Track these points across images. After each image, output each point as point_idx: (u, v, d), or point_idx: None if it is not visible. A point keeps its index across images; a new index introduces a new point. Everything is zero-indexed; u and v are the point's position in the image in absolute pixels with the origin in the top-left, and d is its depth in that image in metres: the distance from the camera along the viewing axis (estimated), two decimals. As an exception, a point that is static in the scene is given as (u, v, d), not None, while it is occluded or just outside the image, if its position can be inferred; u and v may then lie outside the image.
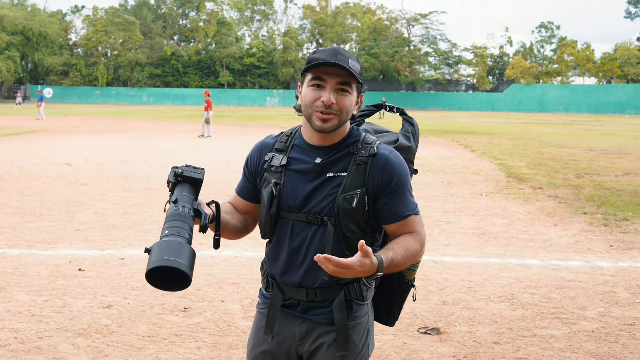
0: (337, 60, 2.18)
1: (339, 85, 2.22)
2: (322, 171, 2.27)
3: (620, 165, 16.84)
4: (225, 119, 41.71)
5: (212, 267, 6.71)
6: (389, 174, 2.24)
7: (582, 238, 8.37)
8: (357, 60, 2.27)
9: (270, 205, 2.32)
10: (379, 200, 2.26)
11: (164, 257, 1.87)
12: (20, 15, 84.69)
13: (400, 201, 2.26)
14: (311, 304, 2.33)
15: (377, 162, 2.24)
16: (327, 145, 2.29)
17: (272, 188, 2.31)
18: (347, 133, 2.32)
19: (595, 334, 5.01)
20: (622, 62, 78.66)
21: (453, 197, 11.53)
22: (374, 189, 2.24)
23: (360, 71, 2.27)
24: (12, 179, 12.88)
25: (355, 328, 2.33)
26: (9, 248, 7.38)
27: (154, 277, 1.90)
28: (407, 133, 2.52)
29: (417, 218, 2.31)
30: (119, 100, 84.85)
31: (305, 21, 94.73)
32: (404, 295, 2.51)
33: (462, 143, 24.14)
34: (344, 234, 2.24)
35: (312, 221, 2.26)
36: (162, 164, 15.89)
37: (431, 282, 6.29)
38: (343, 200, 2.21)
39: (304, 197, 2.28)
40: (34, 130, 28.28)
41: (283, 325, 2.38)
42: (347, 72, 2.20)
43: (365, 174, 2.23)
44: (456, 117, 53.71)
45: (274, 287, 2.39)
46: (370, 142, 2.28)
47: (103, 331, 4.92)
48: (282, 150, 2.36)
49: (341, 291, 2.29)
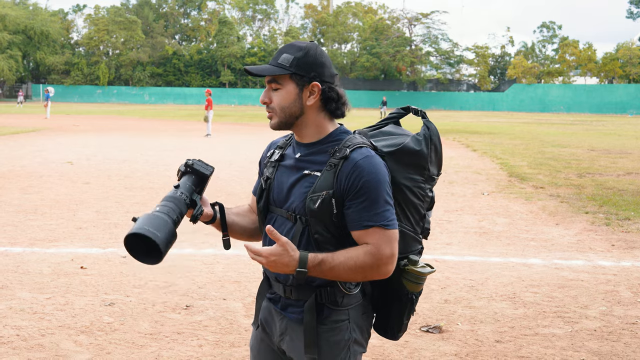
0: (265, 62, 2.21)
1: (269, 84, 2.25)
2: (299, 167, 2.27)
3: (621, 164, 16.84)
4: (226, 118, 41.71)
5: (214, 265, 6.71)
6: (355, 177, 2.14)
7: (584, 237, 8.37)
8: (297, 50, 2.21)
9: (260, 199, 2.36)
10: (345, 204, 2.18)
11: (144, 226, 1.97)
12: (22, 14, 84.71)
13: (364, 208, 2.14)
14: (288, 301, 2.32)
15: (346, 164, 2.16)
16: (306, 143, 2.29)
17: (262, 181, 2.36)
18: (330, 132, 2.28)
19: (597, 333, 5.00)
20: (623, 62, 78.57)
21: (454, 196, 11.52)
22: (340, 192, 2.17)
23: (296, 61, 2.20)
24: (14, 177, 12.89)
25: (329, 332, 2.26)
26: (11, 246, 7.38)
27: (132, 243, 2.01)
28: (419, 137, 2.35)
29: (383, 232, 2.15)
30: (121, 99, 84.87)
31: (307, 20, 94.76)
32: (403, 308, 2.36)
33: (463, 142, 24.13)
34: (312, 235, 2.21)
35: (289, 217, 2.26)
36: (164, 163, 15.90)
37: (433, 280, 6.28)
38: (310, 200, 2.18)
39: (285, 192, 2.28)
40: (36, 129, 28.28)
41: (270, 318, 2.40)
42: (267, 73, 2.22)
43: (334, 176, 2.17)
44: (457, 117, 53.69)
45: (264, 277, 2.43)
46: (348, 145, 2.20)
47: (105, 328, 4.92)
48: (282, 147, 2.39)
49: (313, 292, 2.25)
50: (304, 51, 2.22)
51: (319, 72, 2.22)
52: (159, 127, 31.96)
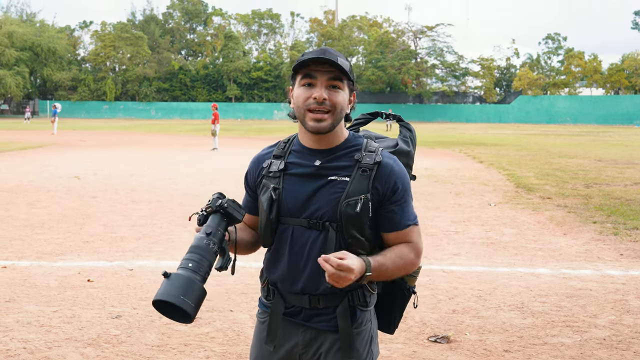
0: (325, 55, 2.18)
1: (330, 82, 2.20)
2: (322, 174, 2.24)
3: (629, 175, 16.77)
4: (232, 132, 41.81)
5: (221, 277, 6.70)
6: (394, 181, 2.23)
7: (592, 247, 8.33)
8: (345, 59, 2.25)
9: (270, 210, 2.28)
10: (382, 208, 2.23)
11: (172, 292, 1.94)
12: (29, 31, 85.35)
13: (402, 210, 2.25)
14: (313, 311, 2.29)
15: (382, 169, 2.22)
16: (325, 149, 2.27)
17: (271, 192, 2.28)
18: (346, 137, 2.31)
19: (607, 342, 4.96)
20: (629, 73, 78.52)
21: (461, 207, 11.49)
22: (378, 196, 2.21)
23: (350, 69, 2.25)
24: (21, 192, 12.93)
25: (358, 335, 2.30)
26: (18, 260, 7.39)
27: (161, 304, 1.98)
28: (406, 138, 2.52)
29: (416, 229, 2.30)
30: (127, 115, 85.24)
31: (312, 34, 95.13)
32: (405, 302, 2.47)
33: (469, 154, 24.11)
34: (345, 240, 2.21)
35: (313, 226, 2.23)
36: (170, 176, 15.93)
37: (440, 290, 6.26)
38: (346, 205, 2.18)
39: (303, 201, 2.24)
40: (43, 145, 28.40)
41: (285, 334, 2.34)
42: (337, 68, 2.18)
43: (370, 180, 2.20)
44: (463, 129, 53.67)
45: (275, 294, 2.36)
46: (374, 149, 2.26)
47: (112, 341, 4.91)
48: (280, 156, 2.34)
49: (344, 297, 2.26)
50: (350, 62, 2.28)
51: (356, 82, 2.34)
52: (165, 142, 32.05)
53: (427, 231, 9.20)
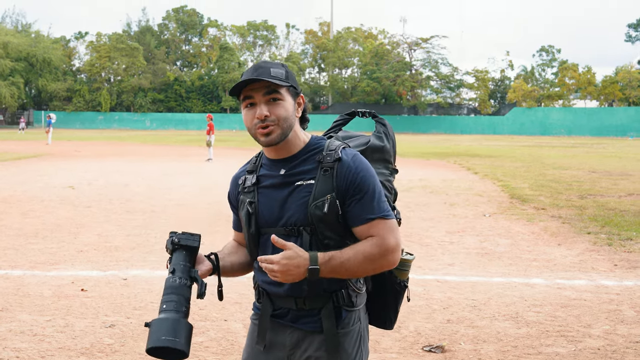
0: (256, 75, 2.23)
1: (267, 96, 2.25)
2: (289, 181, 2.30)
3: (623, 186, 16.82)
4: (227, 143, 41.79)
5: (215, 286, 6.68)
6: (352, 176, 2.24)
7: (586, 257, 8.34)
8: (281, 66, 2.29)
9: (249, 224, 2.35)
10: (346, 203, 2.25)
11: (161, 336, 2.02)
12: (24, 42, 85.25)
13: (362, 204, 2.24)
14: (300, 312, 2.32)
15: (341, 165, 2.25)
16: (287, 157, 2.33)
17: (248, 207, 2.36)
18: (307, 142, 2.36)
19: (601, 352, 4.97)
20: (623, 85, 78.81)
21: (456, 217, 11.51)
22: (341, 192, 2.24)
23: (287, 75, 2.29)
24: (15, 202, 12.90)
25: (346, 336, 2.31)
26: (12, 269, 7.36)
27: (155, 351, 2.05)
28: (379, 133, 2.54)
29: (384, 222, 2.26)
30: (122, 125, 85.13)
31: (307, 46, 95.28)
32: (398, 297, 2.50)
33: (464, 165, 24.16)
34: (322, 241, 2.25)
35: (290, 233, 2.27)
36: (164, 187, 15.92)
37: (435, 300, 6.26)
38: (314, 207, 2.23)
39: (278, 210, 2.30)
40: (38, 155, 28.35)
41: (274, 335, 2.38)
42: (270, 82, 2.22)
43: (332, 179, 2.24)
44: (458, 140, 53.77)
45: (264, 296, 2.41)
46: (334, 148, 2.29)
47: (105, 350, 4.89)
48: (252, 171, 2.42)
49: (329, 298, 2.29)
50: (285, 67, 2.32)
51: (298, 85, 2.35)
52: (160, 153, 32.02)
53: (422, 241, 9.21)
